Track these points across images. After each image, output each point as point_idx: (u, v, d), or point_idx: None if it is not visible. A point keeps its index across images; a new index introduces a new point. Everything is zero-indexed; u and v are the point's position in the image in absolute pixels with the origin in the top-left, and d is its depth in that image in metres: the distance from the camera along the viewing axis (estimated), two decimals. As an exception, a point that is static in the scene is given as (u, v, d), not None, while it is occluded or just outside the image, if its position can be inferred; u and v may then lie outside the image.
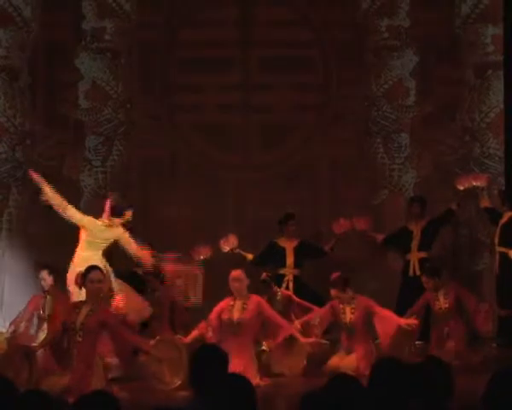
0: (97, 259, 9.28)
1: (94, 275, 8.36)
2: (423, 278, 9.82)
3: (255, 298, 9.03)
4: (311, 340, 9.04)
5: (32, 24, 11.57)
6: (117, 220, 9.54)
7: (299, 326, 9.23)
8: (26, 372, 8.37)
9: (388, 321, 9.06)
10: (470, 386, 4.06)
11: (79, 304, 8.49)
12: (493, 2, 11.51)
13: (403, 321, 9.12)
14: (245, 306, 8.84)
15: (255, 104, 11.68)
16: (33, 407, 4.22)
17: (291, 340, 9.01)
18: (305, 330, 9.24)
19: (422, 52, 11.63)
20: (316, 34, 11.69)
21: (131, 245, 9.55)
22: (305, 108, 11.71)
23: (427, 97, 11.68)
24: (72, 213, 9.58)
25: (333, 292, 9.25)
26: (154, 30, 11.68)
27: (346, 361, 8.87)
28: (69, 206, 9.54)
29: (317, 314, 9.35)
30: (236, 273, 8.97)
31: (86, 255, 9.40)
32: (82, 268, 8.67)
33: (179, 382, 5.21)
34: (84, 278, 8.60)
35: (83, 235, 9.54)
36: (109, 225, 9.53)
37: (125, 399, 7.48)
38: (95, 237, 9.50)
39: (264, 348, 9.56)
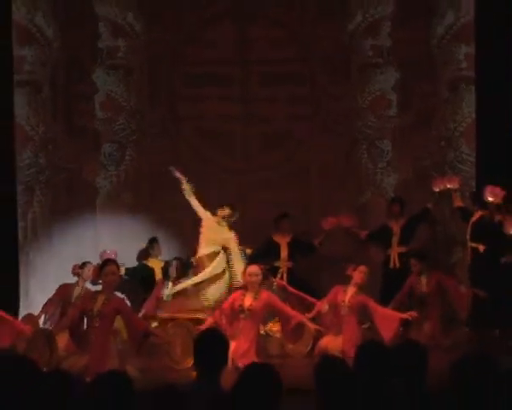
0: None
1: (108, 268, 8.38)
2: (412, 261, 9.91)
3: (266, 292, 9.06)
4: (317, 327, 9.05)
5: (54, 43, 11.59)
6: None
7: (326, 307, 9.21)
8: (48, 354, 8.39)
9: (389, 318, 9.04)
10: (442, 366, 4.07)
11: (96, 293, 8.52)
12: (465, 24, 11.54)
13: (403, 315, 9.11)
14: (256, 296, 8.86)
15: (253, 115, 11.69)
16: (55, 385, 4.24)
17: (299, 326, 9.03)
18: (318, 318, 9.25)
19: (402, 69, 11.65)
20: (307, 52, 11.71)
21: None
22: (298, 119, 11.71)
23: (406, 109, 11.70)
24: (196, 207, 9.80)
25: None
26: (161, 48, 11.68)
27: (335, 343, 8.86)
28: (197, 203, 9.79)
29: (325, 302, 9.31)
30: (253, 269, 9.00)
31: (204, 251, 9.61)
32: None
33: (191, 362, 5.26)
34: (100, 271, 8.64)
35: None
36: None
37: (138, 377, 7.48)
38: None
39: (262, 332, 9.57)
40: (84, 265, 10.13)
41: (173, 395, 3.79)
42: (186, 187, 9.82)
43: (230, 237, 9.74)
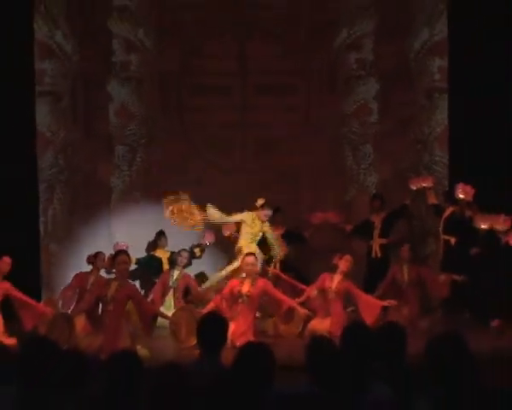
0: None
1: (121, 258, 8.37)
2: (404, 248, 9.89)
3: (262, 280, 9.06)
4: (306, 311, 9.04)
5: (72, 57, 11.56)
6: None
7: (315, 293, 9.19)
8: (66, 335, 8.37)
9: (371, 304, 9.03)
10: (419, 346, 4.05)
11: (110, 281, 8.50)
12: (439, 40, 11.56)
13: (384, 303, 9.10)
14: (253, 283, 8.87)
15: (251, 121, 11.68)
16: (73, 363, 4.22)
17: (291, 310, 9.02)
18: (307, 302, 9.23)
19: (383, 80, 11.66)
20: (299, 66, 11.69)
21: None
22: (291, 125, 11.69)
23: (386, 116, 11.71)
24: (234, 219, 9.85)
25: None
26: (169, 61, 11.67)
27: (323, 325, 8.87)
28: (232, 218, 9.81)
29: (314, 288, 9.30)
30: (250, 259, 9.00)
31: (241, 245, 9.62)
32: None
33: (195, 341, 5.25)
34: (113, 261, 8.64)
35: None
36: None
37: (147, 356, 7.47)
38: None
39: (257, 315, 9.56)
40: (97, 254, 10.10)
41: (177, 372, 3.77)
42: (214, 213, 9.75)
43: (266, 228, 9.73)
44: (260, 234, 9.69)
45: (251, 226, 9.63)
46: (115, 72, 11.65)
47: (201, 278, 10.47)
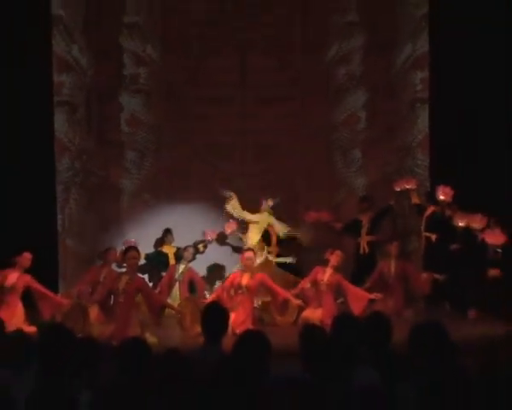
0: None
1: (131, 254, 8.37)
2: (393, 245, 9.87)
3: (260, 274, 9.07)
4: (299, 302, 9.04)
5: (87, 71, 11.55)
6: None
7: (308, 285, 9.20)
8: (81, 323, 8.36)
9: (359, 297, 9.03)
10: (404, 333, 4.05)
11: (121, 274, 8.50)
12: (421, 55, 11.55)
13: (371, 296, 9.11)
14: (252, 276, 8.87)
15: (250, 129, 11.66)
16: (87, 349, 4.22)
17: (285, 301, 9.02)
18: (301, 293, 9.23)
19: (370, 91, 11.65)
20: (294, 77, 11.68)
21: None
22: (287, 132, 11.66)
23: (373, 124, 11.70)
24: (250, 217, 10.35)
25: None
26: (175, 74, 11.65)
27: (315, 314, 8.86)
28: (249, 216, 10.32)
29: (307, 281, 9.30)
30: (249, 254, 9.01)
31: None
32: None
33: (199, 329, 5.25)
34: (124, 256, 8.64)
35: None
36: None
37: (154, 343, 7.46)
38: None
39: (256, 305, 9.55)
40: (108, 250, 10.09)
41: (181, 357, 3.78)
42: (235, 204, 9.93)
43: (271, 219, 10.17)
44: (264, 226, 10.06)
45: (259, 219, 9.99)
46: (126, 84, 11.64)
47: (214, 269, 10.53)
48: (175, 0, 11.58)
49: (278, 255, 10.49)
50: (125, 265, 8.62)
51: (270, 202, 10.11)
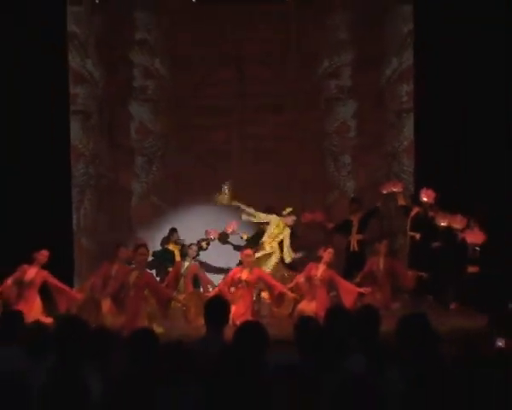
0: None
1: (140, 251, 8.36)
2: (383, 242, 9.84)
3: (258, 269, 9.07)
4: (294, 295, 9.03)
5: (100, 83, 11.54)
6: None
7: (303, 280, 9.18)
8: (94, 315, 8.36)
9: (350, 291, 9.01)
10: (391, 323, 4.05)
11: (131, 270, 8.49)
12: (406, 68, 11.56)
13: (361, 290, 9.09)
14: (251, 271, 8.87)
15: (248, 135, 11.67)
16: (100, 338, 4.21)
17: (282, 294, 9.01)
18: (296, 287, 9.21)
19: (359, 102, 11.65)
20: (288, 88, 11.68)
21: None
22: (283, 138, 11.66)
23: (362, 132, 11.70)
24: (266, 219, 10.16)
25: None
26: (180, 86, 11.65)
27: (309, 307, 8.85)
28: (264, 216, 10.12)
29: (302, 276, 9.27)
30: (248, 252, 9.01)
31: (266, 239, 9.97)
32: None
33: (202, 321, 5.22)
34: (134, 253, 8.63)
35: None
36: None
37: (161, 333, 7.45)
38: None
39: (255, 298, 9.54)
40: (119, 247, 10.08)
41: (185, 347, 3.77)
42: (250, 210, 9.92)
43: (286, 232, 9.93)
44: (281, 236, 9.78)
45: (275, 228, 9.73)
46: (135, 95, 11.63)
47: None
48: (181, 21, 11.56)
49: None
50: (134, 261, 8.61)
51: (288, 210, 10.08)
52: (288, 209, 10.00)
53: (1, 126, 10.49)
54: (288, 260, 9.96)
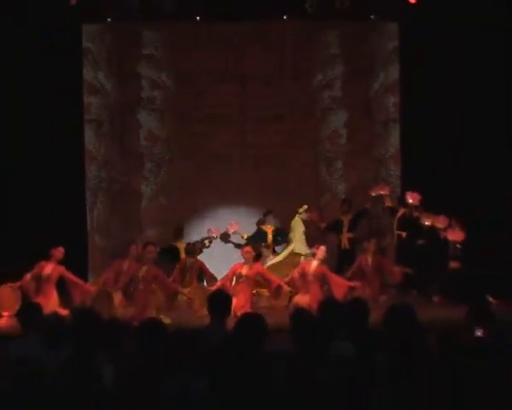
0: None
1: (149, 248, 8.36)
2: (372, 241, 9.76)
3: (257, 265, 9.08)
4: (290, 288, 9.04)
5: (111, 93, 11.53)
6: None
7: (297, 275, 9.18)
8: (107, 307, 8.35)
9: (341, 285, 9.01)
10: (379, 315, 4.05)
11: (140, 265, 8.49)
12: (392, 82, 11.58)
13: (351, 284, 9.09)
14: (250, 267, 8.87)
15: (248, 143, 11.65)
16: (112, 328, 4.21)
17: (279, 288, 9.01)
18: (292, 282, 9.21)
19: (350, 112, 11.65)
20: (286, 100, 11.66)
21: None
22: (281, 145, 11.64)
23: (352, 139, 11.70)
24: None
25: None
26: (185, 97, 11.62)
27: (303, 300, 8.84)
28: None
29: (296, 271, 9.25)
30: (247, 249, 9.03)
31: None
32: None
33: (206, 312, 5.22)
34: (143, 250, 8.62)
35: None
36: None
37: (168, 323, 7.44)
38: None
39: (253, 292, 9.53)
40: (129, 245, 10.06)
41: (191, 335, 3.77)
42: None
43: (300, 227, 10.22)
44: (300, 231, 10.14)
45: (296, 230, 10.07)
46: (143, 105, 11.62)
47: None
48: (185, 38, 11.57)
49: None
50: (144, 257, 8.60)
51: (304, 207, 10.24)
52: (305, 207, 10.12)
53: (22, 133, 10.49)
54: (296, 250, 10.01)
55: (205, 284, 9.78)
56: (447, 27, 10.36)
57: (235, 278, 8.99)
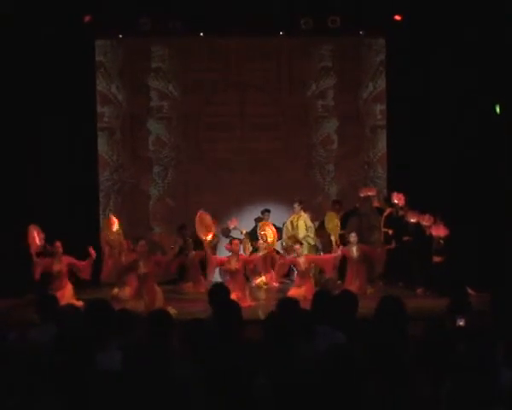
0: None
1: (141, 243, 8.43)
2: (352, 235, 9.67)
3: (242, 255, 9.12)
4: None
5: (123, 103, 11.54)
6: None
7: (283, 262, 9.24)
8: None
9: (328, 261, 9.27)
10: (368, 308, 4.05)
11: (136, 261, 8.49)
12: (380, 91, 11.58)
13: (335, 255, 9.31)
14: (237, 259, 8.88)
15: (247, 149, 11.64)
16: (124, 318, 4.21)
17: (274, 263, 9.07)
18: (279, 268, 9.24)
19: (341, 119, 11.66)
20: (282, 108, 11.67)
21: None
22: (277, 151, 11.65)
23: (343, 144, 11.70)
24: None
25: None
26: (190, 106, 11.62)
27: (298, 292, 8.84)
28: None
29: (287, 262, 9.25)
30: (235, 241, 9.05)
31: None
32: None
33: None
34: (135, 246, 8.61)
35: None
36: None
37: (175, 313, 7.44)
38: None
39: (253, 284, 9.53)
40: (136, 242, 10.02)
41: (196, 323, 3.77)
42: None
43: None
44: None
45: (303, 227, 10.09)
46: (152, 113, 11.62)
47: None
48: (190, 52, 11.57)
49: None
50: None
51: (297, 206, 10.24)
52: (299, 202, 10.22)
53: (42, 141, 10.48)
54: (301, 236, 10.02)
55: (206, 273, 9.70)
56: (429, 42, 10.39)
57: (227, 275, 8.99)
